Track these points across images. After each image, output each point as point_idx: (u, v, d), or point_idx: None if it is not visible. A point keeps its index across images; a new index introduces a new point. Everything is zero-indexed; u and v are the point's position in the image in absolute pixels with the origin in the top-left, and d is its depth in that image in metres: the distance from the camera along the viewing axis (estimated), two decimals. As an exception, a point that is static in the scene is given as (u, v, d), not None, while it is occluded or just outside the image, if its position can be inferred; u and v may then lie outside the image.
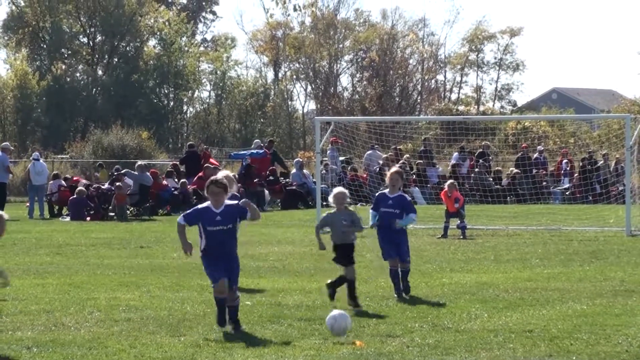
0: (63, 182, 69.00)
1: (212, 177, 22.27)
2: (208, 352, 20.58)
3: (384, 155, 71.61)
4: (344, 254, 24.25)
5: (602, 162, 78.26)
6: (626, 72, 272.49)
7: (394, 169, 26.94)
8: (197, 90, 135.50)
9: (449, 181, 51.47)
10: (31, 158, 72.34)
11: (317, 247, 28.03)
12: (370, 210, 29.09)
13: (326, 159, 67.71)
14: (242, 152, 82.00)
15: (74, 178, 71.19)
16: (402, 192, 26.72)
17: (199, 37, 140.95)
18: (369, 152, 74.29)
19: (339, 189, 24.83)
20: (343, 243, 24.19)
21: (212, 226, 21.17)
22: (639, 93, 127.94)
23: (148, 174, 66.32)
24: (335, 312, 20.71)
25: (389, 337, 22.54)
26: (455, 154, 78.42)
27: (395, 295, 25.80)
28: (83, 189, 63.46)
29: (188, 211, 22.44)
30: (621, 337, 21.91)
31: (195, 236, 21.98)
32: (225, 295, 21.38)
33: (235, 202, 22.15)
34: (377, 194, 27.26)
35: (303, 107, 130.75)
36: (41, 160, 70.95)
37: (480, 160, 75.96)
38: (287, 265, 34.86)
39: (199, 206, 21.91)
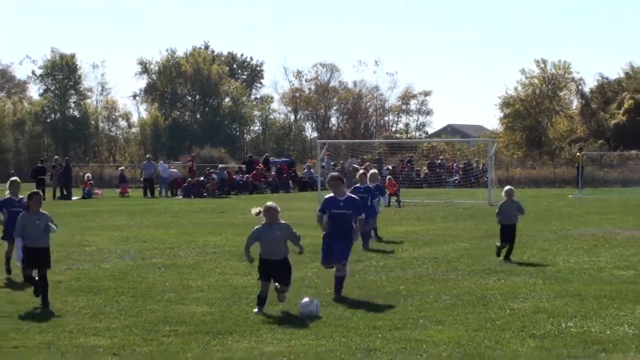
0: (180, 175, 78.46)
1: (332, 174, 20.51)
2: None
3: (357, 161, 76.93)
4: (277, 269, 18.02)
5: (475, 165, 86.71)
6: (490, 112, 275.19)
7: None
8: (251, 126, 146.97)
9: (389, 176, 58.64)
10: (159, 162, 78.93)
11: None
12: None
13: (323, 163, 72.61)
14: (276, 160, 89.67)
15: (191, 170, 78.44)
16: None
17: (252, 96, 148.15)
18: (349, 159, 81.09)
19: (270, 203, 18.52)
20: (275, 259, 17.97)
21: (335, 209, 19.36)
22: (496, 127, 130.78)
23: (225, 172, 74.40)
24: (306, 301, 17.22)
25: (358, 261, 25.63)
26: (387, 167, 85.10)
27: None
28: (190, 179, 73.34)
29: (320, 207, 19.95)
30: (489, 259, 25.50)
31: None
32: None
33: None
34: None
35: (310, 135, 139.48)
36: (165, 164, 77.98)
37: (408, 164, 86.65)
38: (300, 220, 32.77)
39: (325, 197, 19.95)
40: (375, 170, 36.11)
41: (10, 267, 23.30)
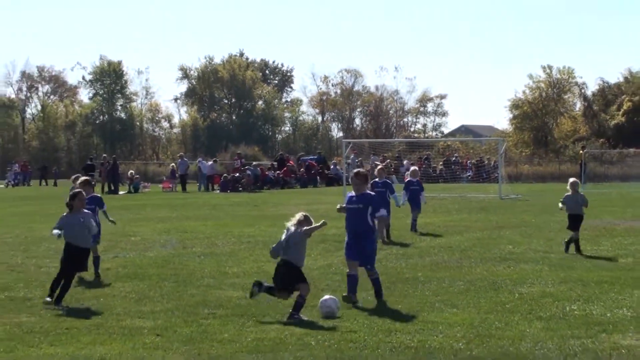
0: (218, 169, 78.48)
1: (355, 171, 17.98)
2: None
3: (379, 158, 77.24)
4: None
5: (486, 162, 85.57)
6: (500, 113, 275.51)
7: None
8: (282, 126, 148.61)
9: (407, 171, 57.38)
10: (198, 160, 79.51)
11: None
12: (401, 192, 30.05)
13: (349, 160, 72.20)
14: (306, 157, 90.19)
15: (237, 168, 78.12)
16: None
17: (283, 99, 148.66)
18: (371, 156, 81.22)
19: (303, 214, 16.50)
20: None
21: (349, 204, 17.13)
22: (506, 127, 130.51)
23: (259, 168, 74.82)
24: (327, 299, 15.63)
25: (379, 250, 24.45)
26: (406, 161, 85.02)
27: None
28: (225, 174, 73.84)
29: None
30: (499, 248, 25.56)
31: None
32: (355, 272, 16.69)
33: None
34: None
35: (336, 134, 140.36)
36: (203, 161, 77.88)
37: (426, 161, 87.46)
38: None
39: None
40: (416, 167, 36.83)
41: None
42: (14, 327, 14.84)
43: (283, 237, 16.26)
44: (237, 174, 73.74)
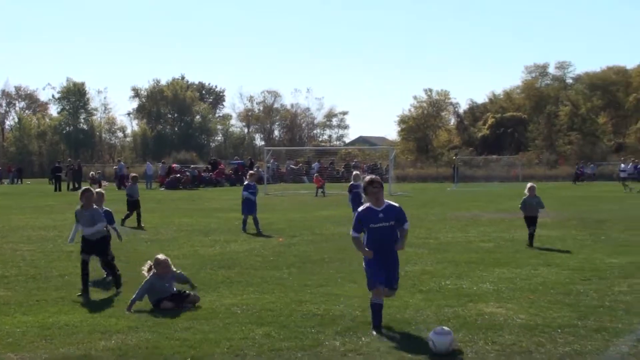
0: (165, 171, 76.63)
1: (369, 178, 12.28)
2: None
3: (293, 162, 77.60)
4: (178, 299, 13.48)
5: (379, 165, 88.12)
6: (391, 127, 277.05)
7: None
8: (215, 136, 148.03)
9: (316, 174, 59.02)
10: (146, 163, 79.45)
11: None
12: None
13: (269, 164, 72.26)
14: (234, 162, 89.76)
15: (173, 167, 77.21)
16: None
17: (216, 115, 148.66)
18: (287, 161, 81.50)
19: (162, 256, 14.41)
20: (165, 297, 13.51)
21: (375, 223, 11.79)
22: (395, 137, 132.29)
23: (195, 170, 75.57)
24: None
25: (293, 236, 25.86)
26: (316, 163, 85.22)
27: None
28: (176, 175, 73.11)
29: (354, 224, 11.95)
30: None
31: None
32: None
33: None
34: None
35: (259, 143, 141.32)
36: (150, 164, 77.50)
37: (330, 165, 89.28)
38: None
39: (360, 210, 12.17)
40: (358, 172, 35.31)
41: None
42: (-7, 299, 14.49)
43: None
44: (179, 175, 73.50)
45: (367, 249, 11.82)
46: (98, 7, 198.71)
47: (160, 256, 14.39)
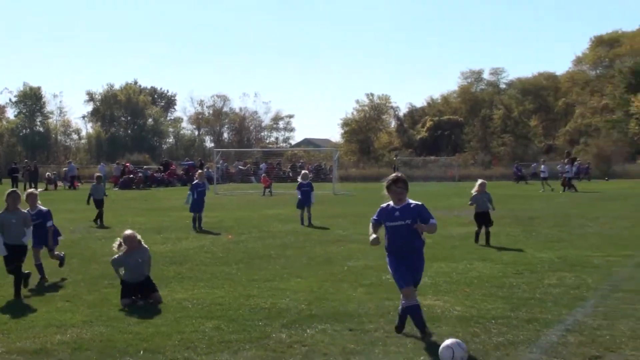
0: (120, 171, 75.92)
1: (395, 176, 11.49)
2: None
3: (243, 162, 77.00)
4: (143, 288, 13.41)
5: (324, 166, 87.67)
6: (335, 129, 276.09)
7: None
8: (167, 139, 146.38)
9: (264, 174, 58.27)
10: (100, 164, 78.50)
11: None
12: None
13: (218, 165, 71.87)
14: (184, 163, 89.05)
15: (127, 166, 76.75)
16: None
17: (168, 118, 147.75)
18: (235, 162, 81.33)
19: (129, 231, 14.21)
20: (138, 281, 13.46)
21: (391, 221, 11.09)
22: (339, 139, 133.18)
23: (148, 171, 74.76)
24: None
25: (242, 234, 26.09)
26: (263, 164, 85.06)
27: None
28: (129, 175, 72.71)
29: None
30: (334, 232, 25.35)
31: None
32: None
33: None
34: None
35: (209, 145, 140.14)
36: (103, 166, 76.99)
37: (277, 166, 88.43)
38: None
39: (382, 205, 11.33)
40: (306, 171, 35.47)
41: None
42: (-48, 296, 14.29)
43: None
44: (132, 175, 73.09)
45: (373, 237, 11.11)
46: (53, 14, 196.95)
47: (128, 232, 14.22)
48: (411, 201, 11.19)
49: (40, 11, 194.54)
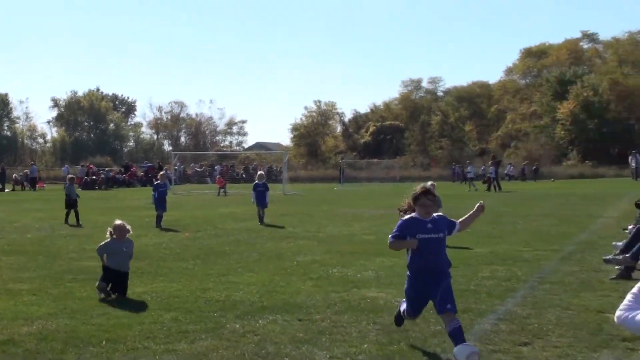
0: (84, 173, 74.56)
1: (424, 187, 8.99)
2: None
3: (199, 164, 76.58)
4: (119, 281, 13.29)
5: (275, 168, 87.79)
6: (285, 133, 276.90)
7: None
8: (128, 142, 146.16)
9: (218, 175, 58.12)
10: (64, 167, 77.33)
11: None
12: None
13: (175, 167, 71.48)
14: (144, 165, 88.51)
15: (90, 167, 75.05)
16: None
17: (128, 123, 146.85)
18: (191, 164, 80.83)
19: (119, 221, 13.68)
20: (118, 270, 13.33)
21: (423, 233, 8.72)
22: (289, 143, 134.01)
23: (110, 173, 73.84)
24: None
25: (197, 231, 26.22)
26: (218, 166, 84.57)
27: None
28: (92, 177, 71.87)
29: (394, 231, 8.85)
30: (284, 228, 25.41)
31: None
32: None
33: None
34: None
35: (167, 148, 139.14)
36: (67, 167, 75.76)
37: (231, 167, 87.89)
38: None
39: (404, 218, 8.94)
40: (262, 172, 35.38)
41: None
42: None
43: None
44: (94, 177, 72.50)
45: (411, 240, 8.78)
46: (19, 23, 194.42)
47: (118, 221, 13.82)
48: (440, 214, 9.16)
49: (6, 21, 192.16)
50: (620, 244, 16.73)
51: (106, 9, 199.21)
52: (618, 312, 4.85)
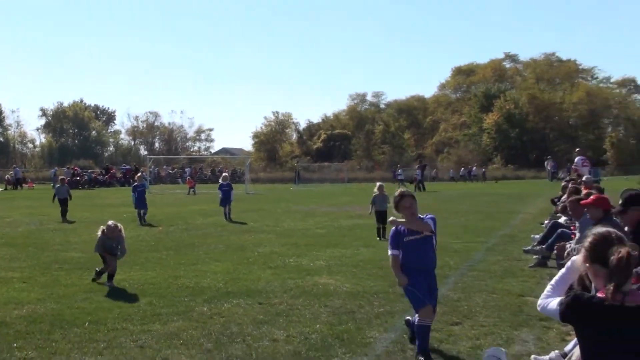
0: (70, 174, 72.28)
1: (400, 192, 8.36)
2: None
3: (171, 167, 75.78)
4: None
5: (239, 170, 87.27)
6: (247, 140, 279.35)
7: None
8: (108, 147, 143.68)
9: (188, 177, 57.19)
10: (52, 169, 75.75)
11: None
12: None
13: (150, 169, 70.70)
14: (123, 167, 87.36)
15: (75, 169, 73.85)
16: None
17: (109, 130, 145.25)
18: (164, 166, 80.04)
19: (111, 222, 13.33)
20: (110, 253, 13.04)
21: (408, 236, 8.03)
22: (250, 149, 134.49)
23: (92, 174, 72.73)
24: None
25: (170, 225, 25.77)
26: (188, 168, 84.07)
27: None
28: (76, 177, 66.88)
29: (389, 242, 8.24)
30: (247, 225, 25.55)
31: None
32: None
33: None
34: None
35: (143, 153, 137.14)
36: (55, 170, 74.55)
37: (200, 170, 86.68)
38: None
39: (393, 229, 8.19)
40: (227, 174, 34.80)
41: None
42: None
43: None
44: (78, 177, 71.69)
45: (401, 275, 8.06)
46: (11, 38, 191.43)
47: (111, 222, 13.59)
48: (420, 216, 8.24)
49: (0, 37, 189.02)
50: (537, 236, 17.03)
51: (90, 31, 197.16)
52: (539, 301, 5.06)
